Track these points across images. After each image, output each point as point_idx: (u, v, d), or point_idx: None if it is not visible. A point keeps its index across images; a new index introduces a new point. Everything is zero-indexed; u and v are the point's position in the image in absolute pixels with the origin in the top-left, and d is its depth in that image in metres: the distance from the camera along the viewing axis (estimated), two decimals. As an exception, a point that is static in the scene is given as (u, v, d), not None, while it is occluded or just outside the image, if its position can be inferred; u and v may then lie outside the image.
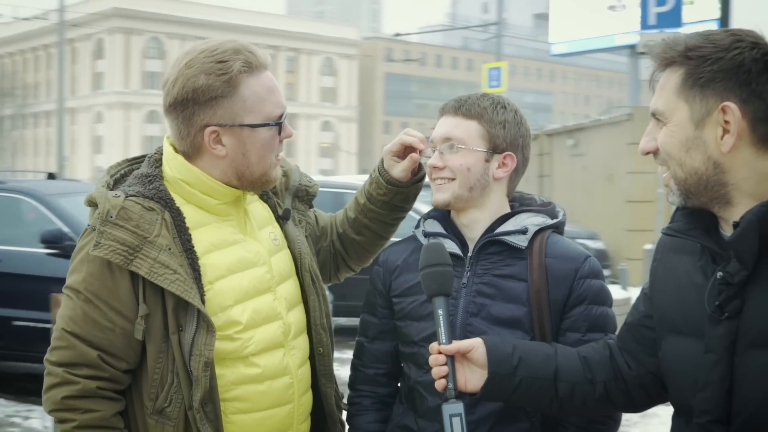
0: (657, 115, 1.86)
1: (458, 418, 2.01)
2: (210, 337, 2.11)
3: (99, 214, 2.10)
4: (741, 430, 1.75)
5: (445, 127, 2.37)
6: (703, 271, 1.87)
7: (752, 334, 1.74)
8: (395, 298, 2.46)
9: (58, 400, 2.10)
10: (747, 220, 1.73)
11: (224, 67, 2.15)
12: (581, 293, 2.31)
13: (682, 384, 1.89)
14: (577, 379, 2.12)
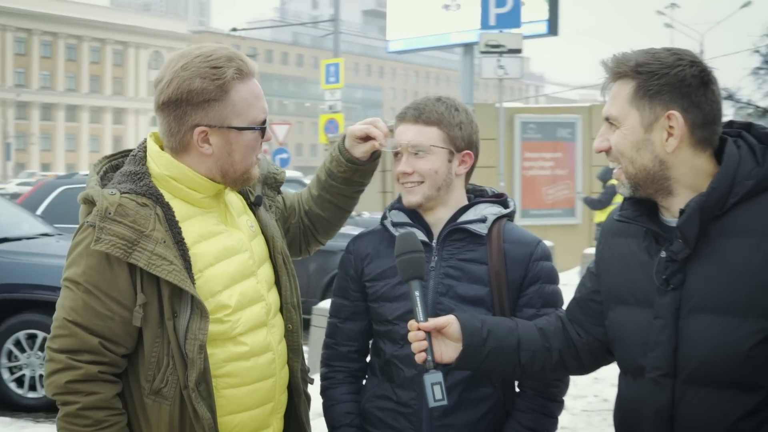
0: (611, 120, 2.17)
1: (438, 386, 2.30)
2: (204, 322, 2.28)
3: (98, 212, 2.24)
4: (685, 381, 2.08)
5: (409, 134, 2.61)
6: (647, 251, 2.19)
7: (693, 302, 2.08)
8: (368, 283, 2.69)
9: (62, 384, 2.23)
10: (691, 207, 2.05)
11: (218, 73, 2.32)
12: (536, 274, 2.62)
13: (631, 346, 2.20)
14: (536, 348, 2.42)
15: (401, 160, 2.62)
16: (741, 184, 2.04)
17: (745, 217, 2.04)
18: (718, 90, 2.11)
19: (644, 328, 2.15)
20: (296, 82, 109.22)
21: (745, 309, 2.00)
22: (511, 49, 15.79)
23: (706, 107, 2.09)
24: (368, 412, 2.69)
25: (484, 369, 2.46)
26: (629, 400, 2.22)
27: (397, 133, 2.64)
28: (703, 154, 2.12)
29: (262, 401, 2.47)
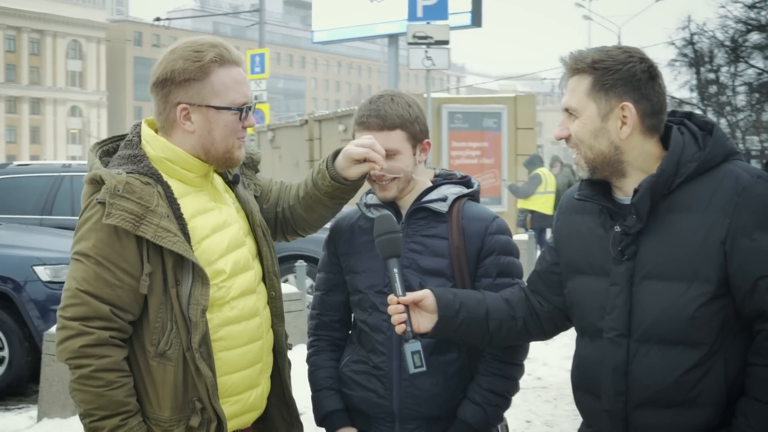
0: (570, 111, 2.44)
1: (417, 354, 2.56)
2: (205, 288, 2.51)
3: (107, 189, 2.45)
4: (638, 339, 2.36)
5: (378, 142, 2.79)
6: (603, 226, 2.47)
7: (645, 270, 2.36)
8: (342, 256, 2.96)
9: (76, 348, 2.43)
10: (644, 186, 2.33)
11: (199, 56, 2.55)
12: (491, 246, 2.88)
13: (589, 311, 2.48)
14: (503, 317, 2.69)
15: None
16: (685, 166, 2.33)
17: (689, 195, 2.33)
18: (663, 83, 2.41)
19: (602, 294, 2.43)
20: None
21: (690, 275, 2.29)
22: (438, 40, 16.06)
23: (654, 98, 2.38)
24: (345, 375, 2.94)
25: (457, 337, 2.71)
26: (588, 358, 2.49)
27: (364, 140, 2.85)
28: (651, 140, 2.41)
29: (252, 362, 2.69)
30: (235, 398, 2.65)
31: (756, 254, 2.24)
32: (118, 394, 2.44)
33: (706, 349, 2.29)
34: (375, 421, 2.88)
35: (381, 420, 2.86)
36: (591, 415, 2.50)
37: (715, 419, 2.29)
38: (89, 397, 2.43)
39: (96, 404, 2.42)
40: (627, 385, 2.36)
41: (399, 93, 2.91)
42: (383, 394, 2.84)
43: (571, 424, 6.77)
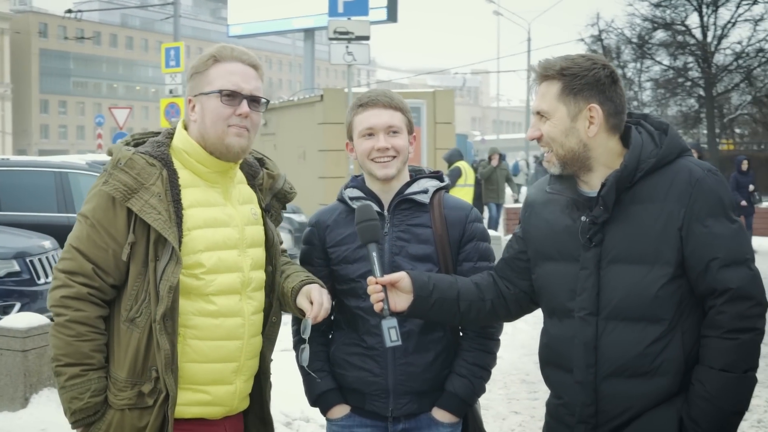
0: (541, 113, 2.71)
1: (394, 329, 2.82)
2: (177, 268, 2.70)
3: (112, 161, 2.75)
4: (606, 317, 2.64)
5: (384, 117, 3.08)
6: (570, 216, 2.74)
7: (611, 255, 2.64)
8: (331, 249, 3.16)
9: (57, 298, 2.70)
10: (610, 180, 2.61)
11: (206, 54, 2.87)
12: (471, 233, 3.16)
13: (559, 293, 2.75)
14: (473, 299, 2.95)
15: (378, 139, 3.06)
16: (645, 162, 2.62)
17: (649, 187, 2.62)
18: (622, 86, 2.70)
19: (571, 277, 2.70)
20: (126, 65, 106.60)
21: (652, 259, 2.59)
22: (359, 35, 16.20)
23: (616, 100, 2.67)
24: (338, 358, 3.17)
25: (430, 316, 2.97)
26: (559, 336, 2.76)
27: (369, 116, 3.08)
28: (614, 138, 2.70)
29: (225, 359, 2.85)
30: (200, 387, 2.81)
31: (708, 239, 2.55)
32: (84, 346, 2.67)
33: (666, 324, 2.58)
34: (369, 398, 3.11)
35: (376, 396, 3.10)
36: (562, 388, 2.77)
37: (675, 386, 2.59)
38: (59, 343, 2.68)
39: (63, 351, 2.67)
40: (596, 359, 2.64)
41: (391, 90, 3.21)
42: (378, 372, 3.08)
43: (506, 407, 7.10)
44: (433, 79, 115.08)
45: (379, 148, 3.07)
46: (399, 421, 3.12)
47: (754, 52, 28.60)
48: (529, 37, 51.46)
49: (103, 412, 2.72)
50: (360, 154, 3.11)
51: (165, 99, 25.63)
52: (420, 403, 3.11)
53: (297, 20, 27.05)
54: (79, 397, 2.67)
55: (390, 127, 3.07)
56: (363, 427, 3.16)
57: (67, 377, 2.67)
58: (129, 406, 2.71)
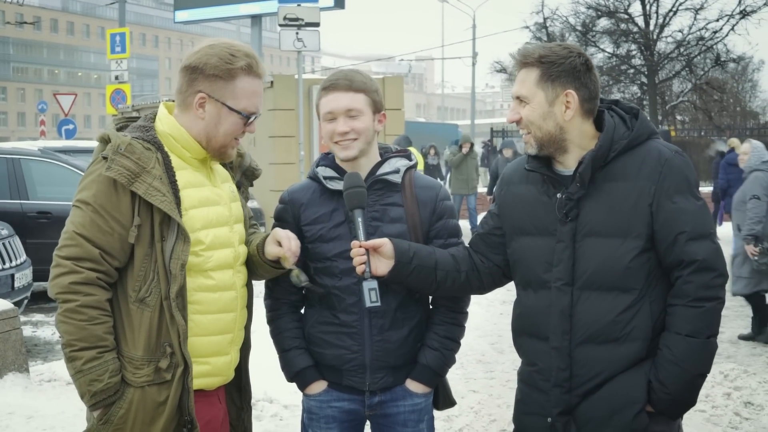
0: (521, 98, 2.87)
1: (374, 291, 2.98)
2: (186, 245, 2.82)
3: (111, 147, 2.80)
4: (580, 287, 2.82)
5: (343, 100, 3.14)
6: (546, 193, 2.91)
7: (586, 229, 2.82)
8: (306, 227, 3.22)
9: (66, 284, 2.74)
10: (587, 159, 2.79)
11: (232, 60, 2.88)
12: (441, 211, 3.28)
13: (535, 265, 2.92)
14: (449, 269, 3.11)
15: (338, 122, 3.15)
16: (618, 143, 2.81)
17: (621, 166, 2.81)
18: (596, 73, 2.88)
19: (547, 250, 2.88)
20: (67, 51, 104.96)
21: (624, 232, 2.77)
22: (309, 22, 16.22)
23: (590, 86, 2.85)
24: (314, 336, 3.25)
25: (408, 283, 3.12)
26: (534, 306, 2.93)
27: (330, 100, 3.17)
28: (587, 122, 2.88)
29: (223, 330, 2.99)
30: (203, 359, 2.94)
31: (676, 214, 2.74)
32: (97, 329, 2.74)
33: (636, 294, 2.77)
34: (346, 373, 3.21)
35: (353, 372, 3.20)
36: (537, 355, 2.94)
37: (643, 351, 2.78)
38: (72, 329, 2.73)
39: (77, 336, 2.73)
40: (571, 326, 2.82)
41: (360, 70, 3.28)
42: (356, 349, 3.18)
43: (464, 386, 7.26)
44: (378, 66, 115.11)
45: (339, 132, 3.15)
46: (375, 394, 3.23)
47: (694, 40, 29.20)
48: (474, 24, 51.71)
49: (122, 391, 2.79)
50: (324, 136, 3.20)
51: (111, 85, 25.35)
52: (395, 377, 3.23)
53: (244, 6, 26.92)
54: (99, 378, 2.74)
55: (349, 111, 3.14)
56: (341, 402, 3.25)
57: (84, 361, 2.73)
58: (148, 383, 2.80)
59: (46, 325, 10.09)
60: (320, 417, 3.27)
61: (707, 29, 29.01)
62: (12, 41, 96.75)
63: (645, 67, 29.54)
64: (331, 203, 3.20)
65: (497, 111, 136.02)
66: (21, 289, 8.89)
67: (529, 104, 2.85)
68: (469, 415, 6.45)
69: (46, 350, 9.02)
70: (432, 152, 20.73)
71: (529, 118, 2.86)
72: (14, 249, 8.97)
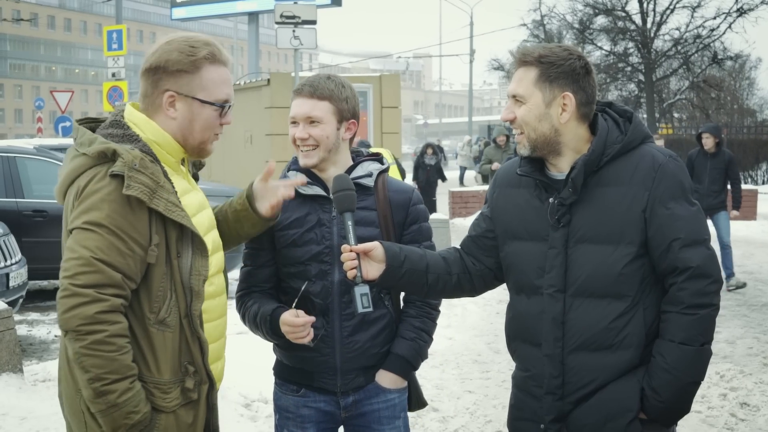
0: (517, 97, 2.82)
1: (366, 296, 2.91)
2: (204, 260, 2.74)
3: (125, 163, 2.59)
4: (573, 294, 2.79)
5: (305, 107, 3.12)
6: (538, 198, 2.88)
7: (579, 235, 2.79)
8: (279, 232, 3.19)
9: (91, 315, 2.52)
10: (579, 163, 2.76)
11: (194, 51, 2.77)
12: (415, 215, 3.30)
13: (527, 271, 2.88)
14: (440, 272, 3.07)
15: (298, 128, 3.14)
16: (611, 147, 2.78)
17: (614, 171, 2.77)
18: (595, 77, 2.85)
19: (539, 256, 2.85)
20: (64, 48, 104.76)
21: (617, 239, 2.74)
22: (305, 20, 16.21)
23: (588, 90, 2.82)
24: (284, 342, 3.18)
25: (399, 286, 3.10)
26: (527, 312, 2.90)
27: (294, 105, 3.16)
28: (582, 125, 2.84)
29: (219, 336, 2.95)
30: (211, 366, 2.88)
31: (670, 220, 2.71)
32: (127, 358, 2.57)
33: (629, 301, 2.74)
34: (317, 375, 3.20)
35: (323, 374, 3.19)
36: (529, 361, 2.91)
37: (636, 359, 2.75)
38: (102, 362, 2.52)
39: (108, 368, 2.53)
40: (564, 333, 2.80)
41: (336, 75, 3.24)
42: (326, 353, 3.17)
43: (460, 386, 7.25)
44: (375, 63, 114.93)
45: (298, 137, 3.14)
46: (348, 394, 3.22)
47: (691, 38, 29.21)
48: (472, 21, 51.71)
49: (154, 420, 2.66)
50: (290, 141, 3.19)
51: (108, 82, 25.29)
52: (366, 376, 3.23)
53: (241, 3, 26.91)
54: (135, 410, 2.58)
55: (308, 118, 3.13)
56: (316, 402, 3.24)
57: (118, 394, 2.55)
58: (178, 406, 2.70)
59: (41, 324, 10.05)
60: (296, 416, 3.26)
61: (704, 27, 29.05)
62: (9, 38, 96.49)
63: (642, 64, 29.55)
64: (304, 207, 3.18)
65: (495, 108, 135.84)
66: (16, 288, 8.84)
67: (525, 104, 2.81)
68: (464, 415, 6.44)
69: (42, 349, 8.98)
70: (429, 151, 20.40)
71: (525, 118, 2.82)
72: (9, 248, 8.92)
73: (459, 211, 19.64)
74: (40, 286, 11.51)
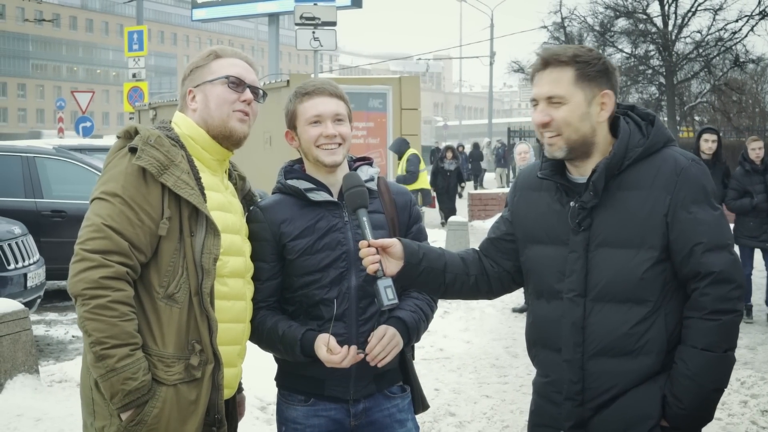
0: (555, 99, 2.74)
1: (390, 288, 2.87)
2: (217, 239, 2.78)
3: (141, 138, 2.76)
4: (593, 299, 2.74)
5: (331, 105, 3.12)
6: (559, 201, 2.83)
7: (600, 239, 2.74)
8: (291, 242, 3.11)
9: (96, 279, 2.61)
10: (601, 167, 2.71)
11: (205, 53, 3.06)
12: (416, 215, 3.32)
13: (548, 275, 2.84)
14: (458, 272, 3.03)
15: (326, 126, 3.10)
16: (633, 150, 2.72)
17: (636, 175, 2.72)
18: (618, 76, 2.80)
19: (560, 260, 2.80)
20: (86, 48, 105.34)
21: (638, 243, 2.69)
22: (325, 21, 16.20)
23: (617, 89, 2.79)
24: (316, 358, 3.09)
25: (416, 284, 3.05)
26: (546, 317, 2.85)
27: (317, 103, 3.13)
28: (607, 126, 2.80)
29: (232, 341, 2.93)
30: (225, 372, 2.85)
31: (692, 225, 2.66)
32: (129, 326, 2.64)
33: (651, 306, 2.69)
34: (328, 384, 3.13)
35: (335, 382, 3.12)
36: (549, 367, 2.86)
37: (658, 365, 2.70)
38: (103, 326, 2.60)
39: (108, 333, 2.60)
40: (584, 338, 2.74)
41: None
42: None
43: (477, 391, 7.20)
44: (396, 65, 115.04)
45: (328, 135, 3.10)
46: (359, 401, 3.17)
47: (713, 41, 28.97)
48: (492, 23, 51.61)
49: (155, 390, 2.69)
50: (306, 141, 3.12)
51: (128, 83, 25.44)
52: (378, 384, 3.18)
53: (261, 4, 26.99)
54: (133, 377, 2.63)
55: (336, 115, 3.13)
56: (327, 411, 3.17)
57: (117, 359, 2.61)
58: (180, 381, 2.72)
59: (59, 325, 10.07)
60: (306, 427, 3.18)
61: (726, 30, 28.77)
62: (31, 38, 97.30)
63: (663, 67, 29.33)
64: (313, 215, 3.13)
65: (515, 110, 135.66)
66: (34, 288, 8.85)
67: (567, 105, 2.74)
68: (481, 420, 6.39)
69: (59, 350, 8.99)
70: (449, 155, 20.01)
71: (567, 119, 2.74)
72: (27, 248, 8.94)
73: (478, 213, 19.57)
74: (58, 286, 11.51)
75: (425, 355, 8.27)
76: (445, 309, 9.98)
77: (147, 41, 25.47)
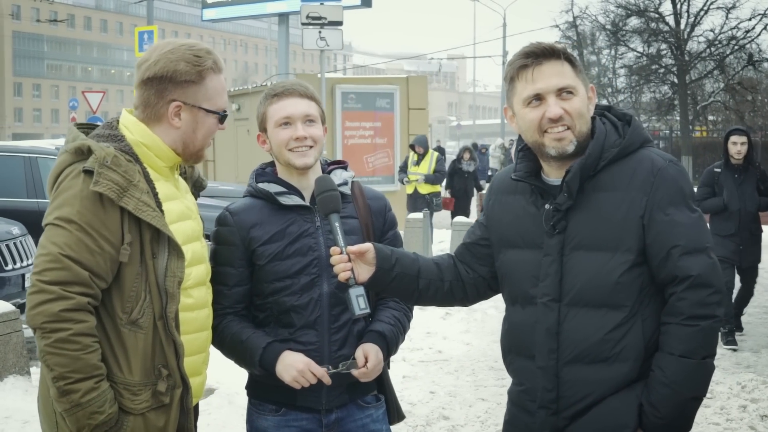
0: (568, 89, 2.64)
1: (362, 297, 2.80)
2: (180, 262, 2.68)
3: (96, 159, 2.57)
4: (568, 303, 2.64)
5: (301, 106, 3.05)
6: (534, 204, 2.74)
7: (574, 242, 2.64)
8: (261, 247, 3.04)
9: (55, 312, 2.48)
10: (575, 167, 2.62)
11: (200, 61, 2.78)
12: (390, 221, 3.25)
13: (522, 280, 2.74)
14: (432, 278, 2.94)
15: (296, 128, 3.03)
16: (608, 151, 2.63)
17: (611, 176, 2.62)
18: None
19: (534, 264, 2.70)
20: (100, 48, 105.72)
21: (614, 246, 2.59)
22: (331, 21, 16.12)
23: None
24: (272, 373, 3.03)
25: (389, 290, 2.96)
26: (521, 323, 2.76)
27: (286, 105, 3.05)
28: None
29: (198, 350, 2.86)
30: (190, 381, 2.78)
31: (669, 227, 2.56)
32: (92, 357, 2.52)
33: (627, 311, 2.59)
34: (301, 393, 3.02)
35: (308, 391, 3.02)
36: (524, 374, 2.77)
37: (634, 372, 2.60)
38: (65, 360, 2.49)
39: (72, 367, 2.49)
40: (558, 344, 2.65)
41: None
42: None
43: (473, 394, 7.10)
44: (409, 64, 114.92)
45: (298, 137, 3.03)
46: (331, 411, 3.09)
47: (726, 40, 28.81)
48: (505, 22, 51.50)
49: (122, 421, 2.61)
50: (277, 144, 3.05)
51: (138, 83, 25.37)
52: (351, 393, 3.10)
53: (271, 4, 26.88)
54: (100, 410, 2.54)
55: (307, 116, 3.05)
56: (298, 421, 3.09)
57: (81, 394, 2.51)
58: (148, 408, 2.64)
59: (59, 325, 10.00)
60: None
61: (739, 28, 28.65)
62: (46, 38, 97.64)
63: (675, 66, 29.19)
64: (284, 219, 3.06)
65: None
66: (32, 288, 8.80)
67: (577, 96, 2.66)
68: (475, 424, 6.30)
69: (57, 350, 8.93)
70: (467, 156, 19.39)
71: (581, 110, 2.66)
72: (26, 248, 8.90)
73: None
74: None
75: (423, 357, 8.19)
76: (447, 311, 9.88)
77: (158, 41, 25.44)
